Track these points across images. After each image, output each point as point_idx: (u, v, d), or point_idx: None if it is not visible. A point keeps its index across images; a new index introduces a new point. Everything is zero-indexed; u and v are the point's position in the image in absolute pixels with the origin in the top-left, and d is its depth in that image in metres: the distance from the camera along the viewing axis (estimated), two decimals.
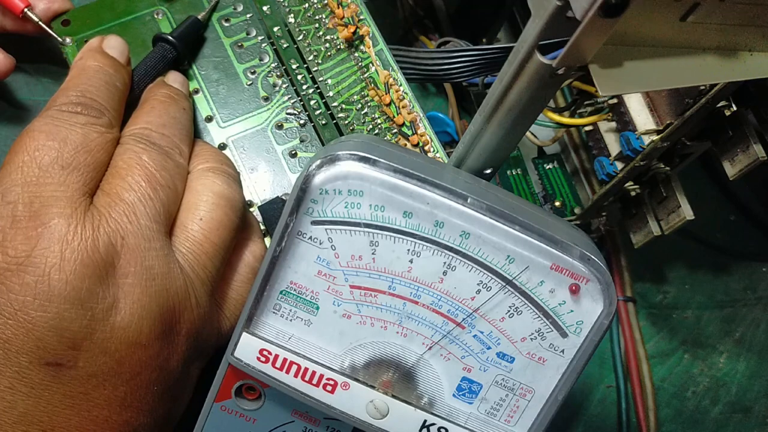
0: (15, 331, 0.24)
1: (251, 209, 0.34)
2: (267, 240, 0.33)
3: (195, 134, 0.34)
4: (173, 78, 0.34)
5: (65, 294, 0.24)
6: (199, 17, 0.35)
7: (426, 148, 0.34)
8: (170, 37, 0.33)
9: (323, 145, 0.35)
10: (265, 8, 0.36)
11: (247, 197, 0.34)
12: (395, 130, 0.34)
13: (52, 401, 0.24)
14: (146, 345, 0.26)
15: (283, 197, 0.34)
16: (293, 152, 0.35)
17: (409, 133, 0.34)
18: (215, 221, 0.29)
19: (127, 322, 0.25)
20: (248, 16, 0.36)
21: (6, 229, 0.24)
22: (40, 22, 0.34)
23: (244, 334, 0.25)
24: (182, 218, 0.28)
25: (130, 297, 0.25)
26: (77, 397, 0.25)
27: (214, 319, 0.29)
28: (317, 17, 0.36)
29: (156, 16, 0.36)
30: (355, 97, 0.35)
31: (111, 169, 0.28)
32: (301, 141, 0.35)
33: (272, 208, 0.33)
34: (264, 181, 0.34)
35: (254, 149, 0.35)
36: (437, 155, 0.34)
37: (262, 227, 0.33)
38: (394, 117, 0.34)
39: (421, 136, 0.34)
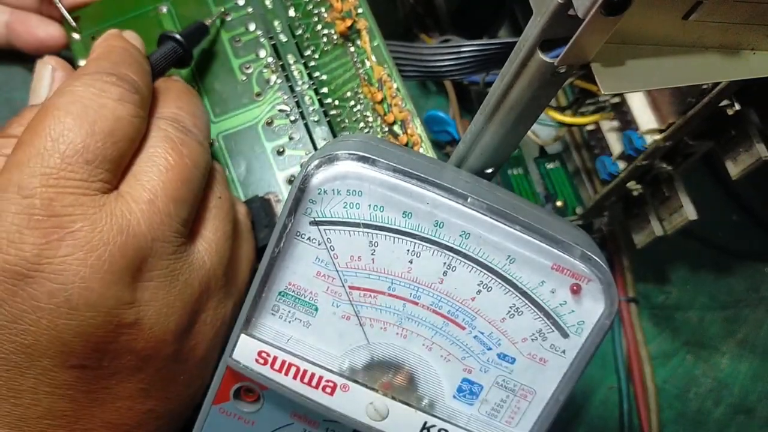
0: (38, 337, 0.23)
1: None
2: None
3: None
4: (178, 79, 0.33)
5: (91, 302, 0.23)
6: (207, 23, 0.34)
7: (415, 148, 0.33)
8: (178, 36, 0.32)
9: (313, 142, 0.34)
10: (267, 2, 0.36)
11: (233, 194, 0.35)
12: (386, 129, 0.34)
13: (75, 398, 0.24)
14: (172, 341, 0.26)
15: (265, 197, 0.34)
16: (281, 150, 0.34)
17: (400, 132, 0.33)
18: (226, 200, 0.29)
19: (152, 323, 0.25)
20: (249, 10, 0.36)
21: (23, 230, 0.23)
22: (60, 6, 0.35)
23: (243, 335, 0.25)
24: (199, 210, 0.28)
25: (155, 298, 0.25)
26: (100, 392, 0.25)
27: (232, 292, 0.29)
28: (316, 11, 0.35)
29: (160, 11, 0.36)
30: (348, 93, 0.35)
31: (146, 153, 0.26)
32: (290, 138, 0.35)
33: (248, 207, 0.33)
34: (251, 179, 0.34)
35: (243, 146, 0.35)
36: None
37: None
38: (384, 115, 0.34)
39: (411, 135, 0.33)
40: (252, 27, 0.36)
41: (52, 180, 0.23)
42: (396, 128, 0.34)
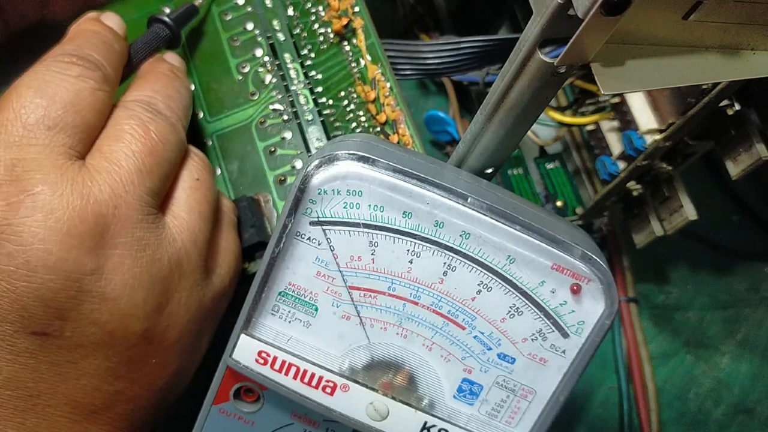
0: None
1: None
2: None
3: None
4: (172, 57, 0.33)
5: (50, 265, 0.23)
6: (196, 4, 0.35)
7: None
8: (166, 18, 0.33)
9: (305, 142, 0.34)
10: (267, 1, 0.36)
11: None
12: (378, 129, 0.34)
13: (38, 368, 0.24)
14: (141, 317, 0.25)
15: (255, 197, 0.34)
16: (272, 149, 0.34)
17: (390, 132, 0.33)
18: (205, 183, 0.29)
19: (118, 294, 0.25)
20: (248, 9, 0.36)
21: None
22: None
23: (243, 335, 0.25)
24: (174, 185, 0.29)
25: (120, 268, 0.25)
26: (64, 365, 0.25)
27: (212, 280, 0.29)
28: (314, 10, 0.35)
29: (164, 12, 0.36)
30: (342, 93, 0.35)
31: (113, 130, 0.27)
32: (282, 138, 0.34)
33: (237, 207, 0.33)
34: (242, 179, 0.34)
35: (236, 145, 0.35)
36: None
37: None
38: (376, 114, 0.34)
39: (402, 135, 0.33)
40: (250, 26, 0.36)
41: (15, 147, 0.24)
42: (387, 128, 0.33)
